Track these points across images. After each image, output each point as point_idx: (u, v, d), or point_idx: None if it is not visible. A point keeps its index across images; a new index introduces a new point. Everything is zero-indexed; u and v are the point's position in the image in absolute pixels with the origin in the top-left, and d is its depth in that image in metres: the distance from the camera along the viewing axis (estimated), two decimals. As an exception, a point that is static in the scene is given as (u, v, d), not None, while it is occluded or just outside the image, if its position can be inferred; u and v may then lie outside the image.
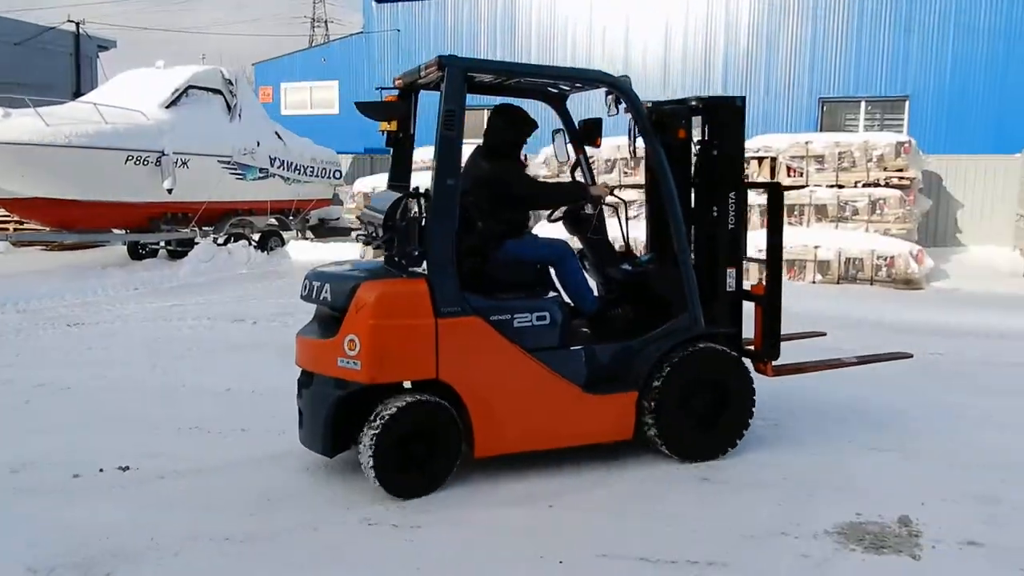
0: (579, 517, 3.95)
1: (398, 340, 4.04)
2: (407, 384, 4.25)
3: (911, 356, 5.63)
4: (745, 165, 12.58)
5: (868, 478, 4.43)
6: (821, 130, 16.78)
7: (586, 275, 5.02)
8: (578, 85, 5.07)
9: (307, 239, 15.89)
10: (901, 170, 11.96)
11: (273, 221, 15.11)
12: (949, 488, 4.28)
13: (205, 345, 7.67)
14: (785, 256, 11.40)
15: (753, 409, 4.77)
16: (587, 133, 5.07)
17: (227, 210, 13.94)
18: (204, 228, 13.67)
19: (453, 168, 4.13)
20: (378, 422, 4.03)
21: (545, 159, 13.64)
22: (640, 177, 6.51)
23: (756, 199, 12.56)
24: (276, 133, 15.06)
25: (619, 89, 4.58)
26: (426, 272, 4.17)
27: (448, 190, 4.11)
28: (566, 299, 4.71)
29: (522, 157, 5.21)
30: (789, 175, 12.29)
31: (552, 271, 4.73)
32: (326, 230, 16.57)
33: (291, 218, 15.43)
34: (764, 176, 12.50)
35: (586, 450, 4.67)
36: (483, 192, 4.54)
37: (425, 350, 4.05)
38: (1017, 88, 15.62)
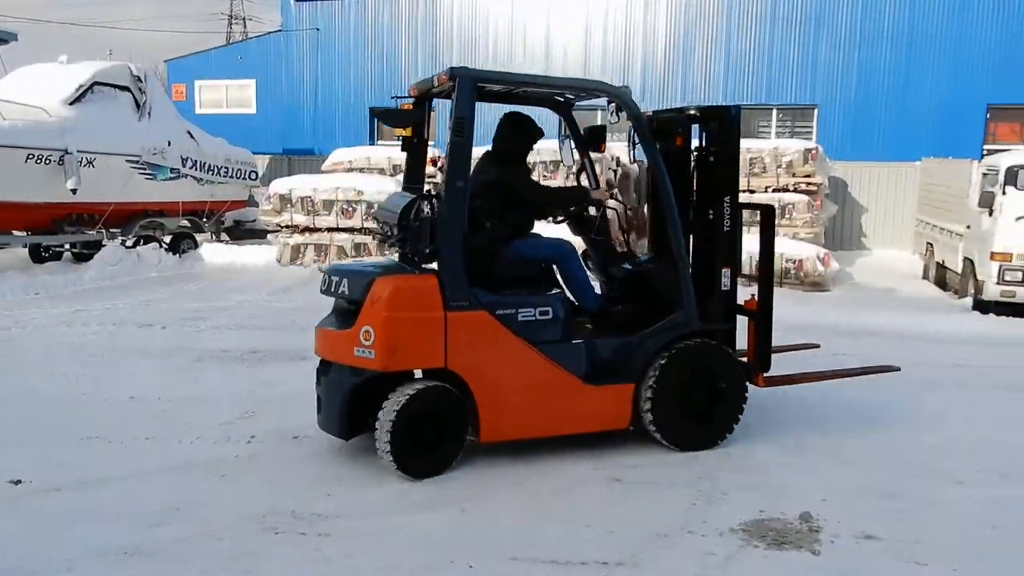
0: (491, 520, 3.94)
1: (410, 331, 4.35)
2: (418, 373, 4.52)
3: (899, 370, 5.73)
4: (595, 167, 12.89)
5: (775, 476, 4.55)
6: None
7: (588, 274, 5.25)
8: (582, 94, 5.37)
9: (222, 241, 15.48)
10: (809, 176, 12.36)
11: (185, 223, 14.66)
12: (850, 484, 4.43)
13: (109, 351, 7.38)
14: (699, 259, 11.82)
15: (745, 401, 5.01)
16: (592, 139, 5.40)
17: (136, 211, 13.44)
18: (111, 230, 13.15)
19: (463, 172, 4.40)
20: (394, 407, 4.30)
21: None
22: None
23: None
24: (188, 132, 14.61)
25: (619, 99, 4.84)
26: (436, 269, 4.47)
27: (458, 192, 4.39)
28: (569, 296, 4.96)
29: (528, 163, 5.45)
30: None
31: (556, 269, 5.01)
32: (242, 232, 16.17)
33: (205, 220, 15.00)
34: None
35: (505, 451, 4.68)
36: (491, 195, 4.76)
37: (435, 341, 4.36)
38: (917, 98, 16.34)
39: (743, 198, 5.29)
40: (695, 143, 5.15)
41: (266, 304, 10.00)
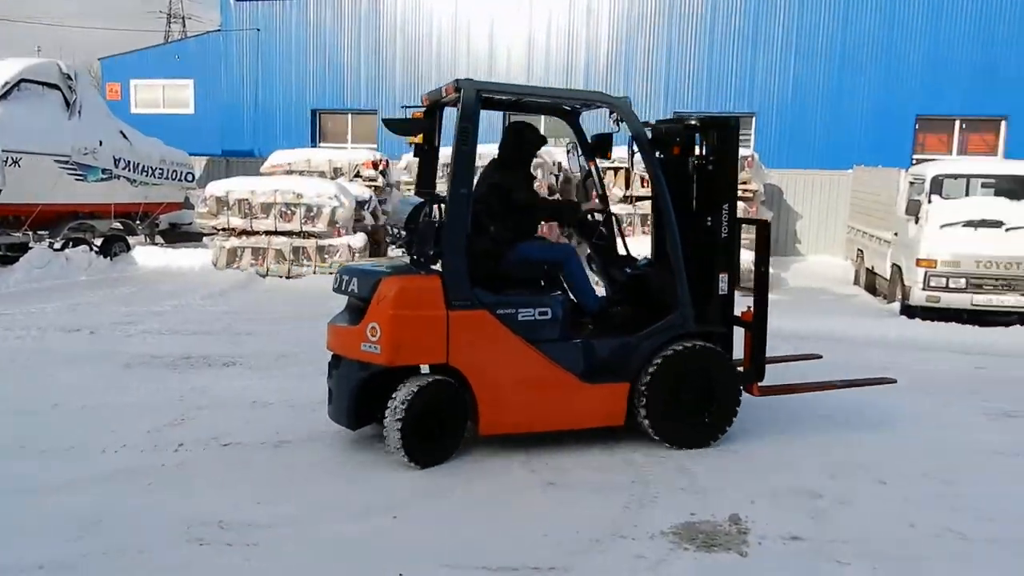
0: (423, 527, 3.91)
1: (413, 328, 4.59)
2: (424, 368, 4.74)
3: (895, 382, 5.79)
4: (603, 175, 13.06)
5: (707, 478, 4.60)
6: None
7: (590, 276, 5.45)
8: (583, 105, 5.61)
9: (156, 244, 15.13)
10: (745, 183, 12.60)
11: (118, 225, 14.29)
12: (779, 485, 4.51)
13: (31, 357, 7.14)
14: (640, 264, 11.96)
15: (738, 404, 5.15)
16: (598, 146, 5.57)
17: (65, 213, 13.05)
18: (39, 232, 12.75)
19: (466, 178, 4.67)
20: (403, 399, 4.56)
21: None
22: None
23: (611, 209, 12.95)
24: (121, 132, 14.24)
25: (618, 110, 5.04)
26: (440, 269, 4.71)
27: (461, 198, 4.64)
28: (572, 297, 5.18)
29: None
30: (643, 186, 12.71)
31: (559, 271, 5.22)
32: (177, 235, 15.82)
33: (138, 222, 14.65)
34: (619, 186, 12.88)
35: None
36: (493, 199, 5.04)
37: (437, 338, 4.59)
38: (850, 108, 16.79)
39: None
40: (698, 151, 5.30)
41: (200, 308, 9.79)
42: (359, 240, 12.53)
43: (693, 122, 5.26)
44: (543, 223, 5.64)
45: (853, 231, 13.64)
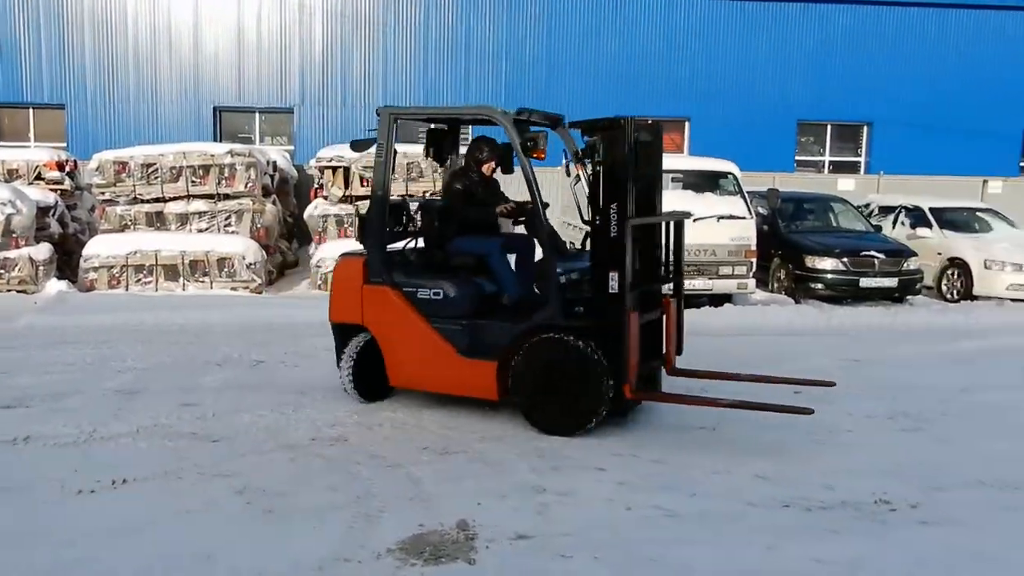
0: (110, 571, 3.41)
1: (342, 295, 6.07)
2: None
3: (811, 412, 5.06)
4: (319, 175, 12.62)
5: (434, 484, 4.49)
6: (397, 142, 17.37)
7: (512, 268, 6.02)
8: (473, 119, 6.65)
9: None
10: (464, 181, 12.79)
11: None
12: (503, 484, 4.50)
13: None
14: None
15: (604, 400, 5.19)
16: (588, 153, 5.39)
17: None
18: None
19: (382, 184, 5.90)
20: (351, 350, 6.07)
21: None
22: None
23: (331, 209, 12.57)
24: None
25: (499, 122, 5.63)
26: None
27: (378, 199, 5.91)
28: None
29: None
30: (363, 185, 12.47)
31: (485, 263, 5.86)
32: None
33: None
34: (339, 185, 12.54)
35: (141, 481, 4.11)
36: (446, 198, 6.23)
37: (355, 304, 5.96)
38: (560, 109, 17.67)
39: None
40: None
41: None
42: (43, 251, 11.09)
43: (583, 125, 5.50)
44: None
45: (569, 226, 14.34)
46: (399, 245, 6.27)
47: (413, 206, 6.53)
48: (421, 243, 6.28)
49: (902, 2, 18.42)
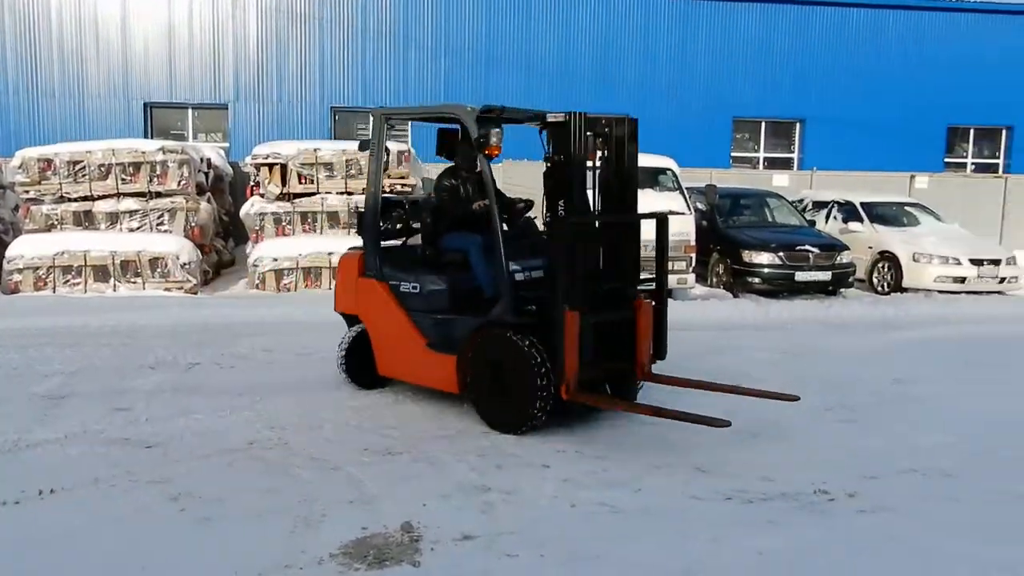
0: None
1: (341, 287, 6.49)
2: None
3: (728, 424, 4.82)
4: (256, 172, 12.36)
5: (377, 486, 4.41)
6: (335, 138, 17.18)
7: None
8: (442, 116, 6.38)
9: None
10: (403, 177, 12.67)
11: None
12: (447, 483, 4.46)
13: None
14: (302, 264, 11.55)
15: (541, 399, 5.11)
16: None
17: None
18: None
19: (375, 183, 6.19)
20: (345, 338, 6.50)
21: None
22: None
23: (268, 207, 12.33)
24: None
25: (460, 120, 5.78)
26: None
27: (371, 198, 6.22)
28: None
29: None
30: (300, 182, 12.26)
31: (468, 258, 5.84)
32: None
33: None
34: (276, 183, 12.30)
35: (72, 488, 3.95)
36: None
37: (352, 295, 6.34)
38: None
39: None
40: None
41: None
42: (-38, 253, 10.61)
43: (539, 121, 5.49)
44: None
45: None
46: (398, 241, 6.41)
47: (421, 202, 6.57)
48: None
49: (837, 3, 18.88)
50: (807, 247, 11.81)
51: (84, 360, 7.32)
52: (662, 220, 5.72)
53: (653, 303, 5.69)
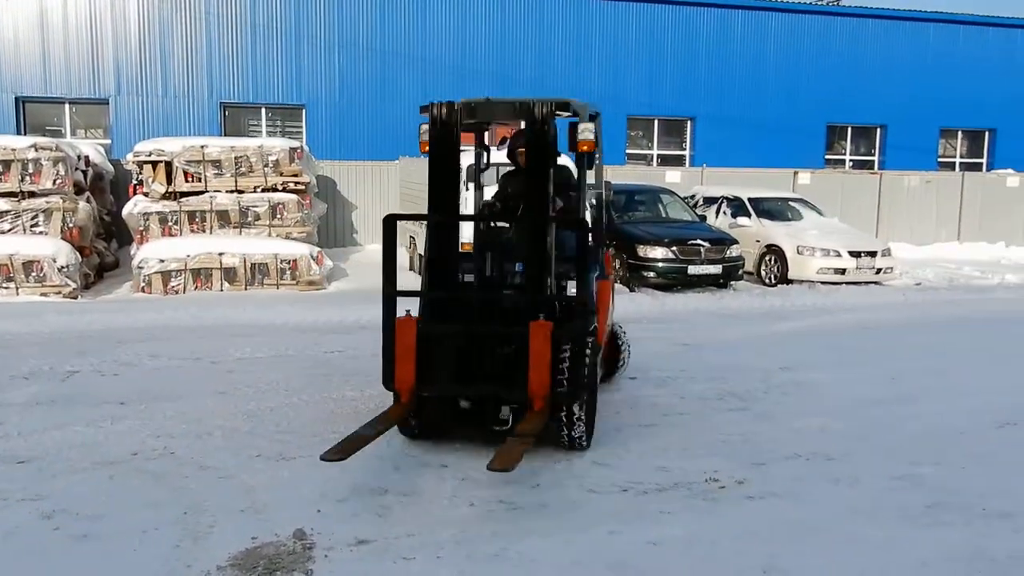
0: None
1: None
2: None
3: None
4: (139, 170, 11.83)
5: (268, 493, 4.28)
6: (225, 135, 16.62)
7: None
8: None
9: None
10: (296, 175, 12.38)
11: None
12: (342, 487, 4.36)
13: None
14: (191, 265, 11.13)
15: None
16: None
17: None
18: None
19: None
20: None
21: None
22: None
23: (153, 206, 11.83)
24: None
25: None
26: None
27: None
28: None
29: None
30: (187, 180, 11.81)
31: None
32: None
33: None
34: (160, 181, 11.81)
35: None
36: None
37: None
38: (395, 102, 17.42)
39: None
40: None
41: None
42: None
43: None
44: None
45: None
46: None
47: None
48: None
49: (725, 4, 19.48)
50: (699, 242, 12.14)
51: (-51, 372, 6.83)
52: (582, 225, 5.01)
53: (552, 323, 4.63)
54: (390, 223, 4.85)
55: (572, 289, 5.13)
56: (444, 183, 5.07)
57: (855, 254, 13.20)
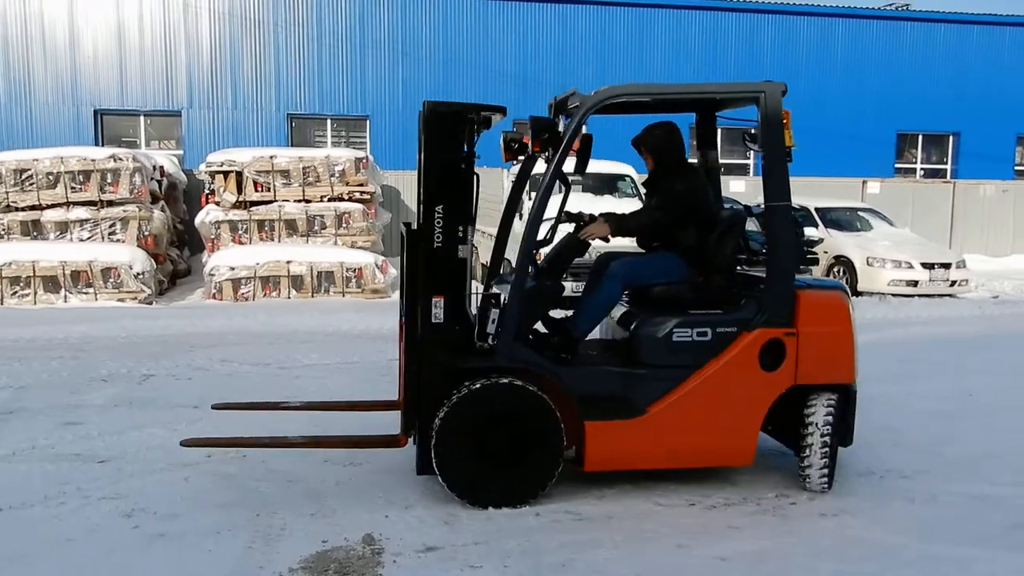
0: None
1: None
2: None
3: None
4: (210, 180, 12.18)
5: (337, 499, 4.34)
6: (292, 145, 16.99)
7: None
8: None
9: None
10: (362, 184, 12.58)
11: None
12: (412, 494, 4.38)
13: None
14: (260, 273, 11.39)
15: None
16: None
17: None
18: None
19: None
20: None
21: None
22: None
23: (224, 215, 12.16)
24: None
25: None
26: None
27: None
28: None
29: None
30: (257, 190, 12.11)
31: None
32: None
33: None
34: (231, 190, 12.13)
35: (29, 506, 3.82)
36: None
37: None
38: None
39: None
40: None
41: None
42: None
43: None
44: None
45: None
46: None
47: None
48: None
49: (789, 11, 19.21)
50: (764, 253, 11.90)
51: (33, 374, 7.11)
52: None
53: None
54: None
55: None
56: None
57: (928, 266, 12.84)
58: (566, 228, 4.94)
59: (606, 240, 4.83)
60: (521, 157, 4.87)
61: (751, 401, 4.38)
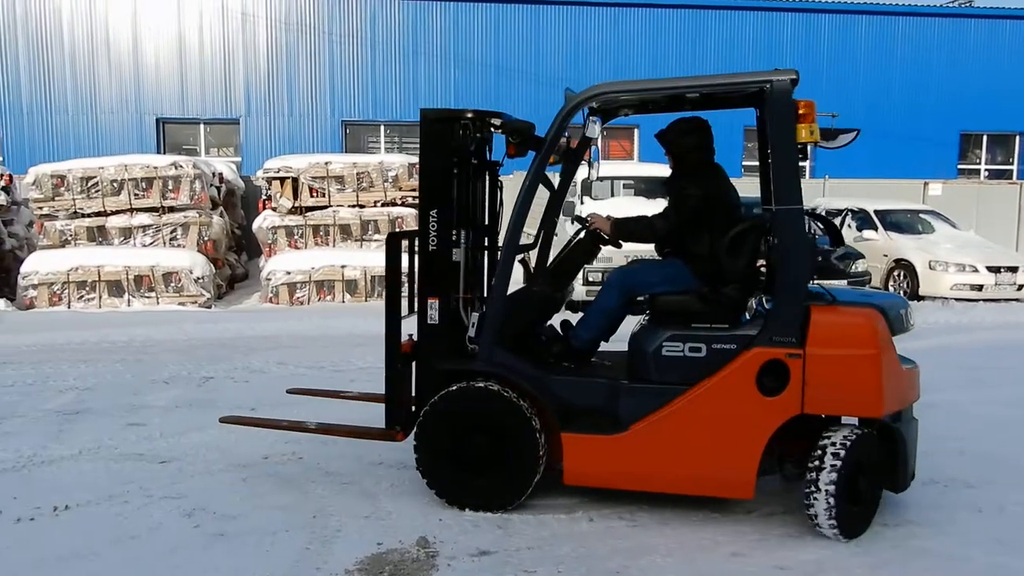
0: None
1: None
2: None
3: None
4: (267, 186, 12.40)
5: (391, 501, 4.38)
6: (346, 151, 17.24)
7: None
8: None
9: None
10: (415, 190, 12.67)
11: None
12: (464, 498, 4.41)
13: None
14: (315, 277, 11.57)
15: None
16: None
17: None
18: None
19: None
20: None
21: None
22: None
23: (280, 221, 12.37)
24: None
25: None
26: None
27: None
28: None
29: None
30: (312, 195, 12.30)
31: None
32: None
33: None
34: (288, 196, 12.34)
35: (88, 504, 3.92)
36: None
37: None
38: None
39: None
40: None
41: None
42: (-23, 269, 10.68)
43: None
44: None
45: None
46: None
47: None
48: None
49: (847, 10, 18.85)
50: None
51: (98, 376, 7.33)
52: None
53: None
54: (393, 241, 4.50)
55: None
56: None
57: (994, 269, 12.46)
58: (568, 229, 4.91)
59: (617, 246, 4.75)
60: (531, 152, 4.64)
61: (748, 429, 3.90)
